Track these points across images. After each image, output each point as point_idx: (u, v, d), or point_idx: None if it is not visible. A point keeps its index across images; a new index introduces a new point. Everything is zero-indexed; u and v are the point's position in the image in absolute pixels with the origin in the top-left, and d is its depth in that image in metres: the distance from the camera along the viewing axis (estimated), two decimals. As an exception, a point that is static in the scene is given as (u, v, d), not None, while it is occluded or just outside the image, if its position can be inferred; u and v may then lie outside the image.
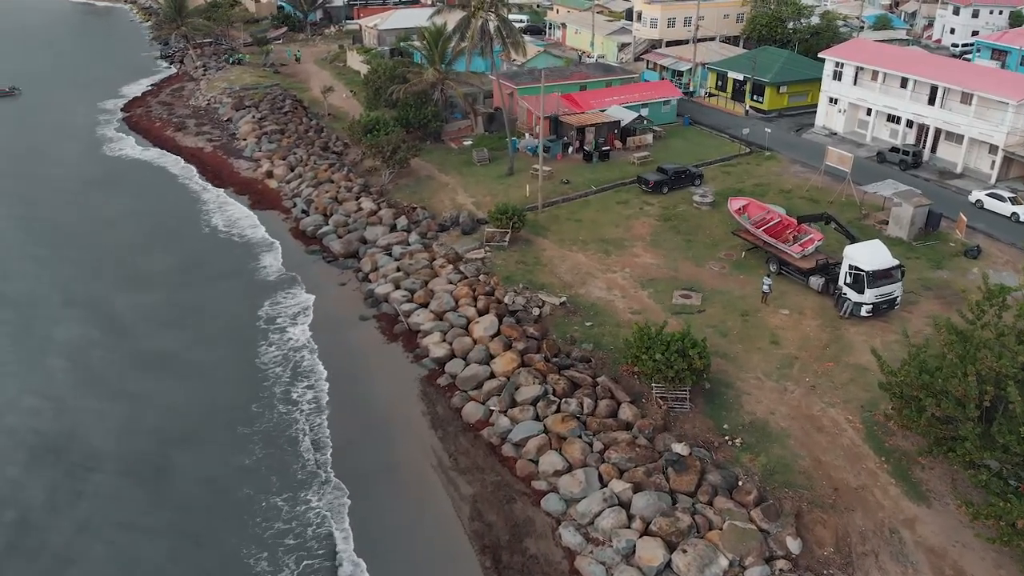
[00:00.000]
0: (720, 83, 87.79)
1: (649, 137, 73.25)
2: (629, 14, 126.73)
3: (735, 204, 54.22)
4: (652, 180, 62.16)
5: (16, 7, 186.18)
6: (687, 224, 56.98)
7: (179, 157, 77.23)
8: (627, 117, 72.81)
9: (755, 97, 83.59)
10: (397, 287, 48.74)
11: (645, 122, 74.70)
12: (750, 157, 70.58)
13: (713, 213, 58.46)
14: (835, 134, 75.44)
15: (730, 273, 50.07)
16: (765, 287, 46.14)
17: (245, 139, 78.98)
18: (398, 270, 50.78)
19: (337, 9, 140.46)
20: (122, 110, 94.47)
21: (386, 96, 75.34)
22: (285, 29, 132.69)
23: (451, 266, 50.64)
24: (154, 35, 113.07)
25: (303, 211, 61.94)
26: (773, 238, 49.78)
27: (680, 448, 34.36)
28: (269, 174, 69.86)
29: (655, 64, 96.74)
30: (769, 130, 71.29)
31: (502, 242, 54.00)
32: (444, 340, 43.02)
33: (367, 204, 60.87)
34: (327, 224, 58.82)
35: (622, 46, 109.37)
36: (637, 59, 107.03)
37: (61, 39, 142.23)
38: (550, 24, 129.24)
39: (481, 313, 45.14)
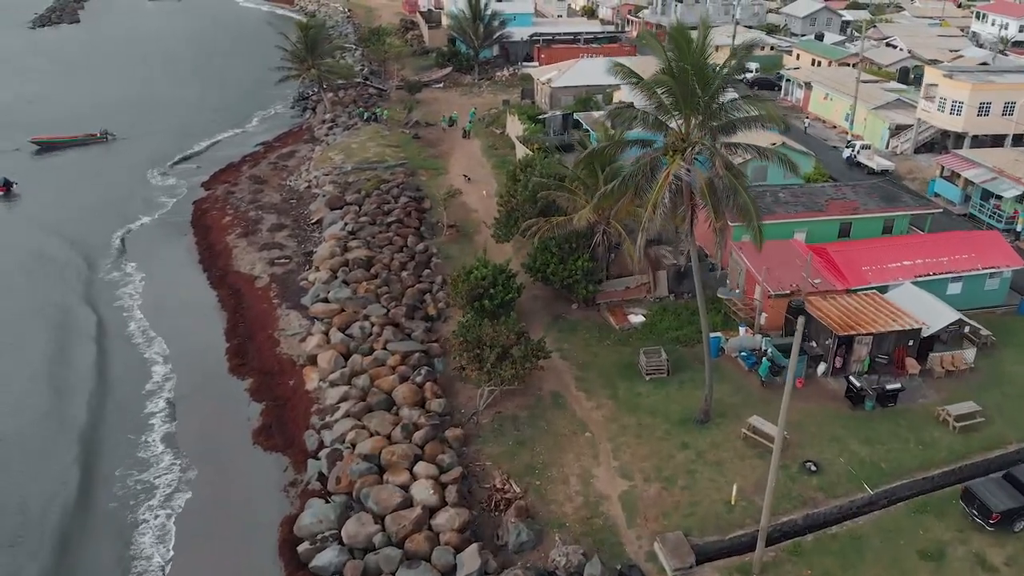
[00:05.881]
0: (1078, 226, 52.70)
1: (969, 354, 40.24)
2: (903, 75, 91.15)
3: None
4: (998, 510, 29.91)
5: (190, 8, 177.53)
6: None
7: (215, 294, 52.92)
8: (937, 319, 40.02)
9: None
10: None
11: (967, 328, 41.45)
12: None
13: None
14: None
15: None
16: None
17: (318, 269, 53.33)
18: None
19: (516, 45, 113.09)
20: (203, 185, 72.52)
21: (522, 228, 47.40)
22: (450, 69, 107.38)
23: None
24: (282, 78, 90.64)
25: (320, 476, 34.72)
26: None
27: None
28: (313, 360, 43.58)
29: (952, 172, 62.28)
30: None
31: None
32: None
33: (421, 490, 32.48)
34: (336, 543, 30.94)
35: (896, 129, 74.83)
36: (918, 150, 72.65)
37: (212, 56, 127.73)
38: (786, 79, 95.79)
39: None
